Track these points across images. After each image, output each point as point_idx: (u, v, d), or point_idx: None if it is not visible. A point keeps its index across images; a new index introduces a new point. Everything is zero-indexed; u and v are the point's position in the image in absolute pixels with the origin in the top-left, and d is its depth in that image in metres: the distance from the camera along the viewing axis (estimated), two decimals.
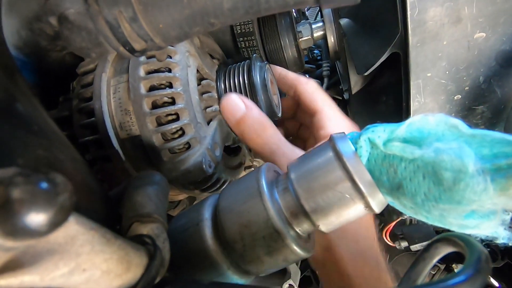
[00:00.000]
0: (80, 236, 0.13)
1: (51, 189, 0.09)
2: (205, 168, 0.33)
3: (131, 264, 0.14)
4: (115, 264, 0.14)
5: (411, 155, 0.20)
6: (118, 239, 0.14)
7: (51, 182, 0.10)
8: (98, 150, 0.34)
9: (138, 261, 0.15)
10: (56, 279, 0.12)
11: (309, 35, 0.64)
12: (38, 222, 0.09)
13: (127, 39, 0.19)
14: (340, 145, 0.24)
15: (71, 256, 0.12)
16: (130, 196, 0.21)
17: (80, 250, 0.12)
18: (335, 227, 0.25)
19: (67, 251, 0.12)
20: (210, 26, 0.20)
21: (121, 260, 0.14)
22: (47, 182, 0.10)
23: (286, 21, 0.57)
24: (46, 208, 0.09)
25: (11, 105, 0.16)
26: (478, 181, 0.17)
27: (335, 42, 0.65)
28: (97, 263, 0.13)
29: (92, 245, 0.13)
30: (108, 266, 0.13)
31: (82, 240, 0.13)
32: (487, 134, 0.18)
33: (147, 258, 0.16)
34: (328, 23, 0.64)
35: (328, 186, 0.24)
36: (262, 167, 0.27)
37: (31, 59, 0.38)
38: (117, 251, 0.14)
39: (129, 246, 0.15)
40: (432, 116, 0.20)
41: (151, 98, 0.32)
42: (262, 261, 0.25)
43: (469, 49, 0.33)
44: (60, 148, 0.20)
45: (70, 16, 0.19)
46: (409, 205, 0.21)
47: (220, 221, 0.26)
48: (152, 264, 0.15)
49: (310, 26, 0.64)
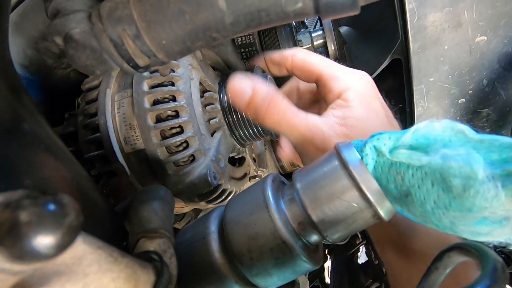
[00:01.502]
0: (88, 255, 0.12)
1: (59, 210, 0.09)
2: (210, 180, 0.33)
3: (138, 283, 0.14)
4: (122, 283, 0.13)
5: (418, 162, 0.20)
6: (125, 257, 0.14)
7: (58, 204, 0.10)
8: (104, 165, 0.34)
9: (146, 278, 0.15)
10: None
11: (309, 44, 0.64)
12: (46, 244, 0.09)
13: (131, 56, 0.19)
14: (346, 153, 0.24)
15: (78, 276, 0.12)
16: (136, 211, 0.21)
17: (88, 270, 0.12)
18: (344, 237, 0.25)
19: (74, 272, 0.12)
20: (212, 41, 0.20)
21: (128, 278, 0.14)
22: (54, 203, 0.10)
23: (286, 30, 0.58)
24: (54, 230, 0.09)
25: (18, 125, 0.17)
26: (488, 188, 0.17)
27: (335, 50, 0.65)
28: (104, 283, 0.13)
29: (99, 265, 0.13)
30: (115, 285, 0.13)
31: (90, 260, 0.12)
32: (496, 139, 0.18)
33: (154, 275, 0.15)
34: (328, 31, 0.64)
35: (335, 195, 0.24)
36: (268, 178, 0.27)
37: (37, 77, 0.39)
38: (124, 270, 0.14)
39: (136, 264, 0.15)
40: (438, 122, 0.20)
41: (155, 112, 0.32)
42: (270, 273, 0.25)
43: (471, 53, 0.33)
44: (66, 165, 0.20)
45: (75, 36, 0.20)
46: (418, 213, 0.21)
47: (226, 234, 0.26)
48: (160, 281, 0.15)
49: (310, 35, 0.65)
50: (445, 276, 0.17)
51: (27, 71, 0.38)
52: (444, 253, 0.17)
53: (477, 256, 0.14)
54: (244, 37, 0.50)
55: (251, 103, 0.30)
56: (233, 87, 0.30)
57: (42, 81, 0.40)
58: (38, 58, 0.36)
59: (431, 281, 0.17)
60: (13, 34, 0.35)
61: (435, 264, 0.17)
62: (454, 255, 0.16)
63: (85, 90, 0.36)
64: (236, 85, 0.30)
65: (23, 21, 0.34)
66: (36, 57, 0.36)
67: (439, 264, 0.17)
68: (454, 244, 0.16)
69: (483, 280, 0.11)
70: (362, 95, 0.31)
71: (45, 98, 0.41)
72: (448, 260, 0.16)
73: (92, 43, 0.20)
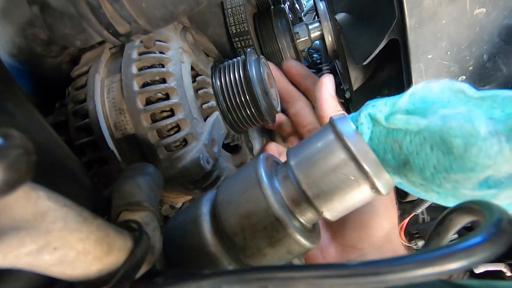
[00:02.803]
0: (52, 212, 0.11)
1: (2, 143, 0.08)
2: (203, 164, 0.32)
3: (112, 247, 0.13)
4: (93, 245, 0.12)
5: (416, 127, 0.19)
6: (97, 219, 0.13)
7: (4, 137, 0.09)
8: (94, 152, 0.33)
9: (122, 244, 0.14)
10: (22, 257, 0.10)
11: (306, 36, 0.64)
12: None
13: (109, 21, 0.19)
14: (340, 125, 0.23)
15: (40, 233, 0.11)
16: (119, 186, 0.20)
17: (51, 227, 0.11)
18: (341, 214, 0.24)
19: (36, 228, 0.11)
20: (196, 4, 0.19)
21: (100, 241, 0.13)
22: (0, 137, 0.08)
23: (283, 23, 0.57)
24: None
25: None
26: (491, 143, 0.15)
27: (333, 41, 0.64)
28: (71, 242, 0.12)
29: (65, 222, 0.12)
30: (84, 246, 0.12)
31: (54, 217, 0.11)
32: (497, 94, 0.17)
33: (132, 243, 0.14)
34: (324, 22, 0.63)
35: (330, 168, 0.22)
36: (260, 157, 0.26)
37: (26, 67, 0.38)
38: (96, 232, 0.13)
39: (110, 228, 0.14)
40: (435, 83, 0.19)
41: (144, 95, 0.31)
42: (264, 254, 0.23)
43: (469, 27, 0.32)
44: (58, 153, 0.20)
45: (51, 3, 0.19)
46: (418, 181, 0.20)
47: (218, 215, 0.25)
48: (137, 248, 0.14)
49: (307, 27, 0.64)
50: (447, 242, 0.16)
51: (16, 60, 0.37)
52: (446, 217, 0.15)
53: (482, 212, 0.13)
54: (238, 25, 0.49)
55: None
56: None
57: (32, 71, 0.39)
58: (27, 46, 0.36)
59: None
60: (0, 23, 0.34)
61: (436, 230, 0.16)
62: (456, 217, 0.15)
63: (74, 77, 0.35)
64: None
65: (9, 8, 0.33)
66: (25, 45, 0.35)
67: (441, 229, 0.16)
68: (456, 204, 0.15)
69: (486, 229, 0.10)
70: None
71: (35, 89, 0.41)
72: (450, 224, 0.15)
73: (69, 9, 0.19)
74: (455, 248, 0.10)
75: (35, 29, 0.34)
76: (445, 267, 0.09)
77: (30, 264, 0.11)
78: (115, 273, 0.13)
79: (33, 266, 0.11)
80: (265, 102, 0.37)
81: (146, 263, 0.15)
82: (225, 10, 0.47)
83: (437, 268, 0.10)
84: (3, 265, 0.10)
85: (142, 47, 0.33)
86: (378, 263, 0.11)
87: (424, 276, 0.10)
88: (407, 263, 0.10)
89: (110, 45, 0.36)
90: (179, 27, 0.37)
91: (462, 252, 0.09)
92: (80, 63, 0.36)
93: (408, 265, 0.10)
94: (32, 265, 0.11)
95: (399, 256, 0.10)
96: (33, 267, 0.11)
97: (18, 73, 0.38)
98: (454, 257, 0.09)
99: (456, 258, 0.09)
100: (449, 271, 0.09)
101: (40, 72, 0.39)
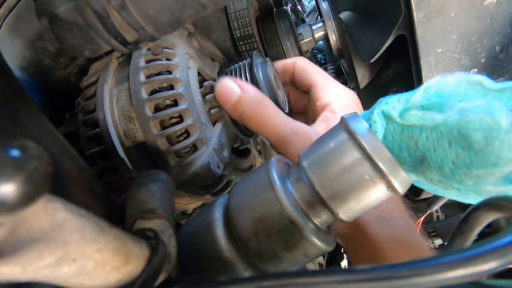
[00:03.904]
0: (69, 223, 0.11)
1: (21, 155, 0.08)
2: (213, 168, 0.32)
3: (130, 256, 0.13)
4: (110, 255, 0.12)
5: (433, 122, 0.18)
6: (114, 228, 0.13)
7: (21, 149, 0.08)
8: (105, 161, 0.33)
9: (139, 253, 0.13)
10: (41, 270, 0.10)
11: (310, 37, 0.64)
12: (7, 193, 0.08)
13: (117, 29, 0.19)
14: (352, 123, 0.22)
15: (58, 244, 0.11)
16: (132, 194, 0.20)
17: (69, 238, 0.11)
18: (357, 214, 0.23)
19: (53, 239, 0.11)
20: (202, 9, 0.19)
21: (117, 250, 0.12)
22: (16, 148, 0.08)
23: (286, 25, 0.57)
24: (13, 175, 0.08)
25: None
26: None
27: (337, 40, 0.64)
28: (89, 253, 0.11)
29: (82, 233, 0.11)
30: (102, 256, 0.12)
31: (71, 228, 0.11)
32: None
33: (149, 251, 0.14)
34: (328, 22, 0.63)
35: (344, 169, 0.22)
36: (272, 159, 0.26)
37: (36, 80, 0.39)
38: (113, 241, 0.12)
39: (127, 237, 0.13)
40: (450, 76, 0.18)
41: (153, 102, 0.31)
42: (280, 257, 0.23)
43: (480, 18, 0.31)
44: (72, 161, 0.20)
45: (60, 14, 0.19)
46: (436, 178, 0.19)
47: (231, 219, 0.24)
48: (154, 256, 0.14)
49: (311, 28, 0.64)
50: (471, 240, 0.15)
51: (26, 74, 0.38)
52: (470, 214, 0.15)
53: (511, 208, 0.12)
54: (243, 28, 0.49)
55: (238, 103, 0.31)
56: (221, 87, 0.32)
57: (42, 84, 0.40)
58: (36, 59, 0.36)
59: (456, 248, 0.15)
60: (10, 37, 0.35)
61: (460, 228, 0.15)
62: (482, 214, 0.14)
63: (83, 88, 0.36)
64: (224, 84, 0.32)
65: (18, 23, 0.34)
66: (34, 58, 0.36)
67: (465, 227, 0.15)
68: (481, 201, 0.14)
69: None
70: (347, 108, 0.34)
71: (46, 101, 0.41)
72: (475, 221, 0.15)
73: (77, 20, 0.19)
74: (489, 247, 0.09)
75: (43, 42, 0.35)
76: (478, 268, 0.09)
77: (49, 277, 0.11)
78: (133, 283, 0.13)
79: (53, 279, 0.11)
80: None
81: (163, 272, 0.15)
82: (228, 14, 0.48)
83: (470, 270, 0.09)
84: (23, 278, 0.10)
85: (149, 54, 0.33)
86: (405, 266, 0.10)
87: (455, 278, 0.09)
88: (437, 264, 0.09)
89: (117, 54, 0.36)
90: (184, 33, 0.37)
91: (496, 251, 0.09)
92: (88, 74, 0.37)
93: (438, 267, 0.09)
94: (51, 278, 0.11)
95: (428, 258, 0.10)
96: (52, 279, 0.11)
97: (28, 87, 0.39)
98: (488, 257, 0.09)
99: (489, 258, 0.09)
100: (483, 272, 0.09)
101: (50, 84, 0.40)
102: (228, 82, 0.32)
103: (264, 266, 0.23)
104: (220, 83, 0.32)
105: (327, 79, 0.36)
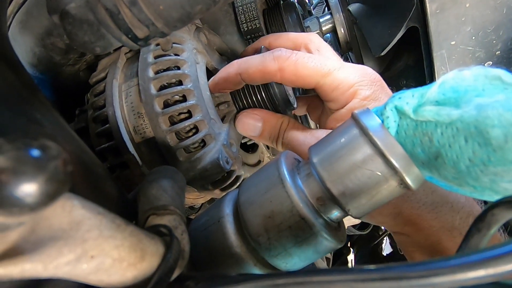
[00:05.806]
0: (87, 221, 0.11)
1: (41, 155, 0.08)
2: (222, 164, 0.32)
3: (145, 253, 0.13)
4: (127, 252, 0.12)
5: (448, 118, 0.18)
6: (129, 225, 0.13)
7: (42, 148, 0.08)
8: (115, 157, 0.34)
9: (154, 249, 0.14)
10: (61, 267, 0.10)
11: (317, 29, 0.63)
12: (29, 192, 0.08)
13: (128, 26, 0.19)
14: (364, 119, 0.22)
15: (77, 242, 0.11)
16: (144, 190, 0.20)
17: (87, 236, 0.11)
18: (368, 211, 0.23)
19: (72, 237, 0.11)
20: (212, 3, 0.19)
21: (134, 247, 0.13)
22: (37, 148, 0.08)
23: (293, 17, 0.56)
24: (35, 176, 0.08)
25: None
26: None
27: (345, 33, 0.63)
28: (106, 250, 0.12)
29: (100, 230, 0.12)
30: (119, 253, 0.12)
31: (89, 225, 0.11)
32: None
33: (163, 247, 0.14)
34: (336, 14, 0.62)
35: (356, 165, 0.22)
36: (282, 155, 0.26)
37: (46, 76, 0.39)
38: (129, 238, 0.13)
39: (142, 233, 0.14)
40: (468, 70, 0.18)
41: (162, 98, 0.31)
42: (290, 254, 0.23)
43: (496, 9, 0.30)
44: (84, 156, 0.20)
45: (71, 11, 0.19)
46: (451, 175, 0.19)
47: (241, 215, 0.24)
48: (169, 253, 0.14)
49: (318, 20, 0.63)
50: (488, 239, 0.15)
51: (36, 70, 0.38)
52: (487, 211, 0.15)
53: None
54: (250, 22, 0.49)
55: (261, 137, 0.34)
56: (243, 125, 0.34)
57: (52, 80, 0.40)
58: (46, 56, 0.36)
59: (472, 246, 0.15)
60: (20, 33, 0.35)
61: (477, 226, 0.15)
62: (500, 212, 0.14)
63: (92, 84, 0.36)
64: (245, 123, 0.34)
65: (28, 19, 0.34)
66: (44, 55, 0.36)
67: (482, 225, 0.15)
68: (500, 198, 0.14)
69: None
70: (371, 99, 0.30)
71: (56, 97, 0.42)
72: (492, 219, 0.14)
73: (88, 16, 0.19)
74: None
75: (53, 38, 0.35)
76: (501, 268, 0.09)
77: (69, 273, 0.11)
78: (149, 279, 0.13)
79: (72, 275, 0.11)
80: (282, 99, 0.36)
81: (177, 268, 0.15)
82: (235, 8, 0.47)
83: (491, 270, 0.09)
84: (44, 275, 0.10)
85: (157, 50, 0.33)
86: (424, 265, 0.10)
87: (476, 279, 0.09)
88: (458, 264, 0.09)
89: (126, 50, 0.36)
90: (192, 28, 0.37)
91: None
92: (97, 70, 0.37)
93: (459, 267, 0.09)
94: (71, 274, 0.11)
95: (447, 257, 0.10)
96: (72, 276, 0.11)
97: (39, 83, 0.39)
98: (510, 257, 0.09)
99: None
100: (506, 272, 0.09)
101: (60, 81, 0.40)
102: (246, 121, 0.34)
103: (275, 261, 0.24)
104: (240, 121, 0.34)
105: (330, 75, 0.31)
